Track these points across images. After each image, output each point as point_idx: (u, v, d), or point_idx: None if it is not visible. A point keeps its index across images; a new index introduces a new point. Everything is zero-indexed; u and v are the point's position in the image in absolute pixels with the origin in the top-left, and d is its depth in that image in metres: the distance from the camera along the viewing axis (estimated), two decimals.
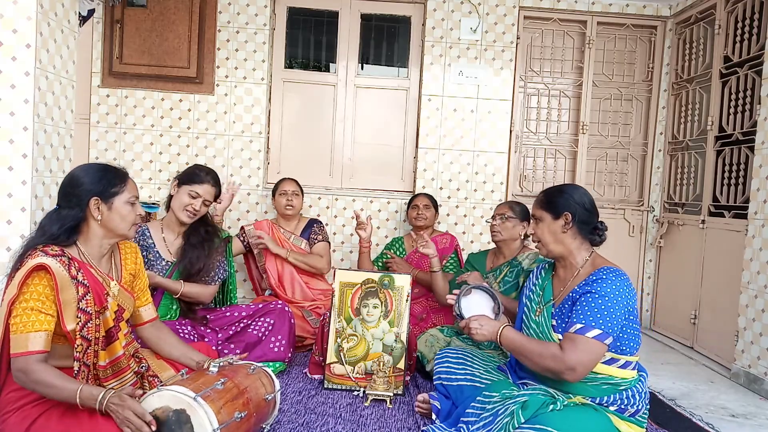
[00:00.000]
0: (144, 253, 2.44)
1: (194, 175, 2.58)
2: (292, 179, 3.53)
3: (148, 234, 2.57)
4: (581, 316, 1.74)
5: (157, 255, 2.55)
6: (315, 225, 3.49)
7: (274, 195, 3.51)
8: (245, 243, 3.39)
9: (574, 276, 1.91)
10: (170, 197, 2.60)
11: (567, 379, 1.74)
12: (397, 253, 3.56)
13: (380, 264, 3.54)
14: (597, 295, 1.75)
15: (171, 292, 2.52)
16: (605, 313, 1.73)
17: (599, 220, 1.95)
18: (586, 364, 1.72)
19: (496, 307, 2.10)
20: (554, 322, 1.88)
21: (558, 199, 1.94)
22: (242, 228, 3.42)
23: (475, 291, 2.15)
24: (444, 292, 2.84)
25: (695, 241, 3.68)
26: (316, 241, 3.43)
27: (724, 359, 3.29)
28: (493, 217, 2.79)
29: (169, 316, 2.56)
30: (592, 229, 1.93)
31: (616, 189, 4.26)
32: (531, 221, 2.03)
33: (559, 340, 1.82)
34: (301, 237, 3.44)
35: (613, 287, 1.76)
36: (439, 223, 3.93)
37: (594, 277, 1.81)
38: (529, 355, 1.82)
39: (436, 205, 3.59)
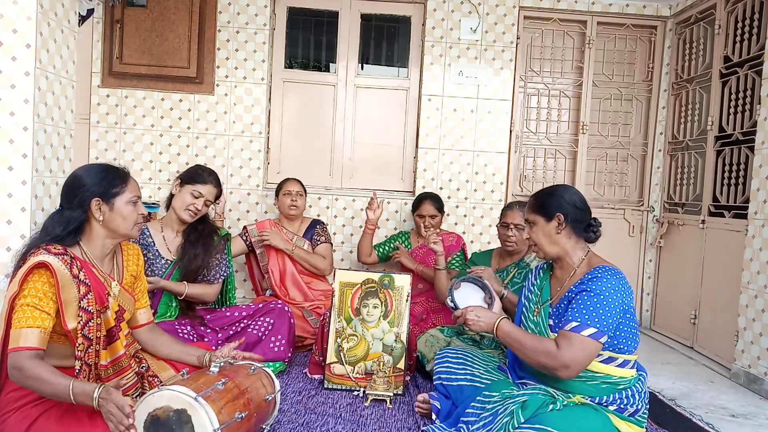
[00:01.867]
0: (143, 252, 2.44)
1: (197, 175, 2.58)
2: (295, 179, 3.51)
3: (147, 233, 2.57)
4: (576, 314, 1.75)
5: (157, 253, 2.55)
6: (318, 226, 3.49)
7: (277, 195, 3.50)
8: (248, 243, 3.38)
9: (571, 275, 1.92)
10: (171, 196, 2.60)
11: (560, 375, 1.75)
12: (405, 246, 3.55)
13: (381, 251, 3.54)
14: (592, 294, 1.76)
15: (176, 294, 2.53)
16: (600, 311, 1.74)
17: (592, 217, 1.97)
18: (580, 361, 1.73)
19: (488, 297, 2.12)
20: (551, 322, 1.89)
21: (549, 201, 1.95)
22: (245, 227, 3.42)
23: (465, 283, 2.17)
24: (445, 291, 2.83)
25: (695, 241, 3.69)
26: (319, 242, 3.42)
27: (724, 359, 3.29)
28: (506, 226, 2.74)
29: (168, 315, 2.56)
30: (585, 227, 1.94)
31: (616, 189, 4.26)
32: (525, 226, 2.05)
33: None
34: (304, 238, 3.43)
35: (609, 285, 1.77)
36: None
37: (590, 276, 1.82)
38: (524, 348, 1.83)
39: (442, 209, 3.53)
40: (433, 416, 2.15)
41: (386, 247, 3.58)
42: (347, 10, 4.12)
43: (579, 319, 1.74)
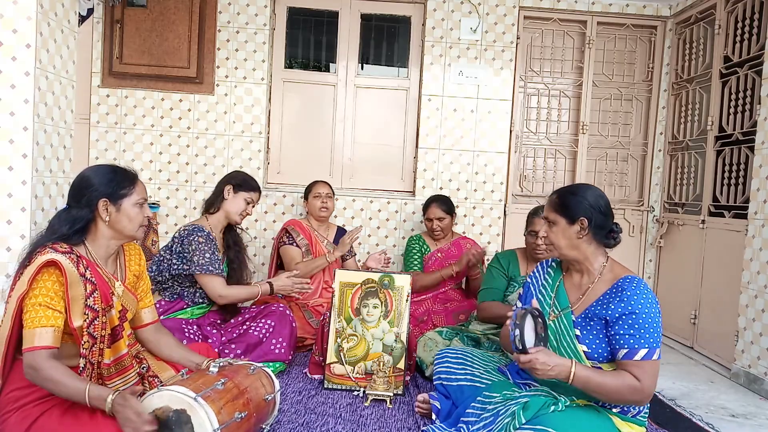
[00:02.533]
0: (207, 247, 2.56)
1: (249, 182, 2.78)
2: (324, 182, 3.53)
3: (212, 237, 2.64)
4: (640, 339, 1.68)
5: (216, 249, 2.65)
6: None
7: (306, 197, 3.51)
8: (294, 244, 3.33)
9: (593, 283, 1.85)
10: (221, 200, 2.72)
11: (642, 405, 1.75)
12: (423, 251, 3.52)
13: (420, 267, 3.47)
14: (644, 315, 1.69)
15: (263, 297, 2.74)
16: (653, 330, 1.69)
17: (614, 222, 1.88)
18: (655, 384, 1.71)
19: (541, 326, 1.75)
20: (578, 333, 1.80)
21: (573, 203, 1.84)
22: (286, 230, 3.35)
23: (528, 315, 1.77)
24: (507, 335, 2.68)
25: (695, 241, 3.69)
26: (350, 256, 3.50)
27: (724, 359, 3.29)
28: (535, 235, 2.63)
29: (201, 311, 2.68)
30: (607, 233, 1.86)
31: (616, 189, 4.26)
32: (544, 223, 1.93)
33: (585, 352, 1.76)
34: (334, 244, 3.46)
35: (650, 301, 1.72)
36: (456, 224, 3.78)
37: (627, 292, 1.72)
38: (608, 391, 1.69)
39: (451, 210, 3.51)
40: (433, 416, 2.15)
41: (417, 262, 3.49)
42: (347, 10, 4.12)
43: (646, 345, 1.68)
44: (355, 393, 2.49)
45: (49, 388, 1.55)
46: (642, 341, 1.68)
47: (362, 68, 4.23)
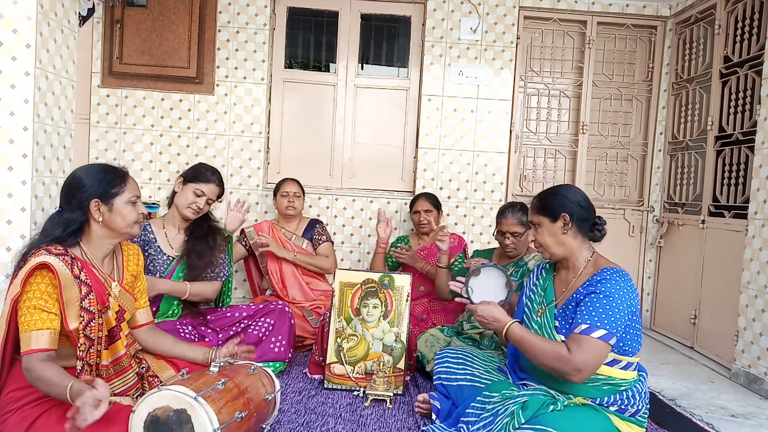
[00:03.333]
0: (145, 248, 2.45)
1: (200, 173, 2.58)
2: (293, 180, 3.51)
3: (149, 229, 2.57)
4: (586, 317, 1.74)
5: (159, 249, 2.54)
6: (317, 225, 3.50)
7: (275, 195, 3.50)
8: (246, 246, 3.38)
9: (577, 276, 1.90)
10: (174, 194, 2.60)
11: (572, 380, 1.73)
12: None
13: (389, 263, 3.53)
14: (601, 295, 1.74)
15: (178, 296, 2.51)
16: (610, 313, 1.72)
17: (597, 215, 1.95)
18: (592, 365, 1.71)
19: (508, 284, 2.06)
20: (557, 324, 1.87)
21: (553, 202, 1.93)
22: (242, 231, 3.40)
23: (486, 270, 2.07)
24: (446, 288, 2.80)
25: (695, 241, 3.69)
26: (321, 242, 3.44)
27: (724, 359, 3.29)
28: (503, 234, 2.73)
29: (170, 312, 2.55)
30: (591, 226, 1.93)
31: (616, 189, 4.26)
32: (531, 228, 2.02)
33: (563, 341, 1.81)
34: (303, 237, 3.44)
35: (617, 287, 1.76)
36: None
37: (598, 278, 1.80)
38: (535, 352, 1.80)
39: (438, 206, 3.57)
40: (433, 416, 2.15)
41: (390, 261, 3.54)
42: (347, 10, 4.12)
43: (588, 321, 1.72)
44: (355, 393, 2.49)
45: (41, 388, 1.55)
46: (603, 322, 1.71)
47: (362, 68, 4.23)
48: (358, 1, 4.11)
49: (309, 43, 4.33)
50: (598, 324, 1.71)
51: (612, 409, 1.80)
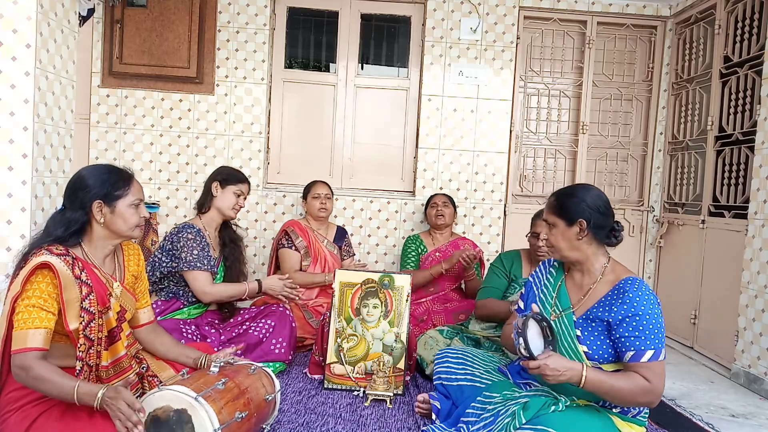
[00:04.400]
0: (198, 247, 2.58)
1: (235, 175, 2.78)
2: (323, 182, 3.55)
3: (202, 234, 2.65)
4: (648, 343, 1.68)
5: (210, 251, 2.66)
6: (346, 236, 3.61)
7: (305, 197, 3.53)
8: (293, 248, 3.35)
9: (594, 284, 1.84)
10: (208, 198, 2.73)
11: (653, 406, 1.74)
12: (420, 250, 3.54)
13: (413, 266, 3.50)
14: (647, 317, 1.70)
15: (250, 295, 2.68)
16: (657, 332, 1.70)
17: (615, 220, 1.87)
18: (664, 385, 1.71)
19: (547, 329, 1.76)
20: (579, 334, 1.80)
21: (571, 205, 1.84)
22: (286, 232, 3.37)
23: (530, 320, 1.77)
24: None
25: (695, 241, 3.69)
26: (349, 255, 3.57)
27: (724, 359, 3.29)
28: (537, 236, 2.65)
29: (198, 311, 2.67)
30: (608, 232, 1.86)
31: (616, 189, 4.26)
32: (544, 226, 1.94)
33: (585, 353, 1.76)
34: (335, 243, 3.50)
35: (652, 302, 1.72)
36: (456, 224, 3.92)
37: (628, 294, 1.72)
38: (621, 394, 1.69)
39: (454, 204, 3.65)
40: (433, 416, 2.15)
41: (412, 261, 3.53)
42: (347, 10, 4.12)
43: (653, 347, 1.68)
44: (355, 393, 2.49)
45: (39, 387, 1.54)
46: (648, 343, 1.68)
47: (362, 68, 4.22)
48: (358, 1, 4.11)
49: (309, 43, 4.33)
50: (660, 346, 1.69)
51: (615, 410, 1.79)
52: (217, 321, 2.72)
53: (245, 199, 2.79)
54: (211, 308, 2.73)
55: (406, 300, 2.60)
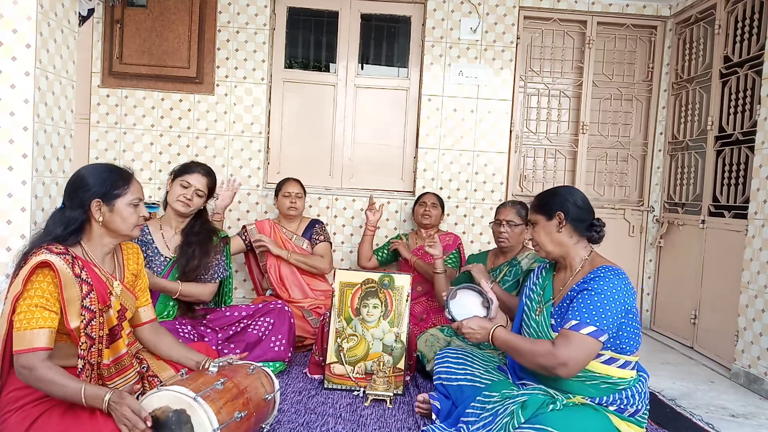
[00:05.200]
0: (143, 249, 2.47)
1: (184, 166, 2.67)
2: (295, 180, 3.51)
3: (147, 230, 2.60)
4: (576, 313, 1.76)
5: (156, 251, 2.57)
6: (317, 225, 3.50)
7: (276, 195, 3.50)
8: (247, 242, 3.38)
9: (574, 275, 1.92)
10: (166, 193, 2.66)
11: (559, 374, 1.74)
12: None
13: (381, 255, 3.58)
14: (593, 293, 1.76)
15: (169, 293, 2.53)
16: (600, 310, 1.74)
17: (596, 217, 1.97)
18: (579, 360, 1.73)
19: (485, 301, 2.14)
20: (553, 321, 1.89)
21: (549, 200, 1.98)
22: (244, 227, 3.43)
23: (462, 291, 2.18)
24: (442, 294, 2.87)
25: (695, 241, 3.68)
26: (318, 242, 3.43)
27: (724, 359, 3.29)
28: (499, 223, 2.80)
29: (166, 314, 2.57)
30: (588, 227, 1.94)
31: (616, 189, 4.26)
32: (528, 227, 2.07)
33: None
34: (303, 237, 3.45)
35: (610, 285, 1.77)
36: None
37: (592, 276, 1.82)
38: (521, 353, 1.84)
39: (443, 205, 3.66)
40: (433, 416, 2.15)
41: (385, 251, 3.60)
42: (347, 10, 4.12)
43: (578, 318, 1.74)
44: (355, 393, 2.49)
45: (43, 388, 1.55)
46: (593, 318, 1.72)
47: (362, 68, 4.23)
48: (358, 1, 4.11)
49: (309, 43, 4.33)
50: (588, 321, 1.72)
51: (611, 408, 1.80)
52: (186, 321, 2.58)
53: (199, 193, 2.60)
54: (179, 313, 2.60)
55: (406, 300, 2.60)
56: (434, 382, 2.25)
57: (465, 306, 2.14)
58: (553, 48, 4.18)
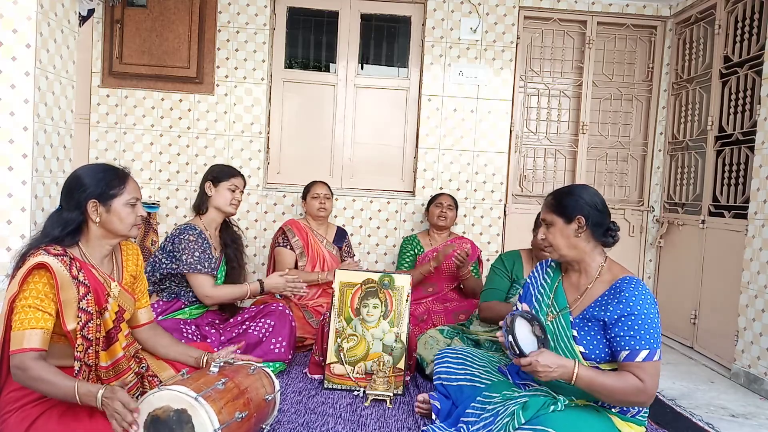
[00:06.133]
0: (200, 249, 2.58)
1: (227, 170, 2.78)
2: (323, 182, 3.57)
3: (202, 233, 2.65)
4: (642, 342, 1.68)
5: (212, 252, 2.66)
6: (346, 237, 3.60)
7: (305, 198, 3.54)
8: (288, 247, 3.37)
9: (591, 284, 1.84)
10: (206, 197, 2.73)
11: (644, 406, 1.74)
12: (416, 251, 3.56)
13: (406, 266, 3.53)
14: (643, 316, 1.69)
15: (252, 295, 2.71)
16: (652, 331, 1.69)
17: (611, 220, 1.88)
18: (657, 386, 1.71)
19: (538, 329, 1.78)
20: (575, 334, 1.80)
21: (569, 202, 1.85)
22: (283, 230, 3.40)
23: (518, 318, 1.79)
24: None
25: (695, 241, 3.68)
26: (349, 256, 3.53)
27: (724, 359, 3.29)
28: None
29: (199, 311, 2.69)
30: (605, 231, 1.86)
31: (616, 189, 4.26)
32: (542, 225, 1.94)
33: (582, 353, 1.76)
34: (334, 244, 3.50)
35: (649, 302, 1.71)
36: (456, 223, 3.93)
37: (626, 294, 1.72)
38: (612, 392, 1.68)
39: (457, 206, 3.67)
40: (433, 416, 2.15)
41: (408, 262, 3.55)
42: (347, 10, 4.12)
43: (647, 347, 1.67)
44: (355, 393, 2.49)
45: (37, 387, 1.54)
46: (643, 342, 1.67)
47: (362, 68, 4.22)
48: (358, 1, 4.11)
49: (309, 43, 4.33)
50: (655, 346, 1.68)
51: (614, 410, 1.79)
52: (217, 321, 2.72)
53: (242, 192, 2.79)
54: (212, 308, 2.73)
55: (406, 300, 2.60)
56: (434, 382, 2.25)
57: (522, 336, 1.74)
58: (553, 48, 4.18)
